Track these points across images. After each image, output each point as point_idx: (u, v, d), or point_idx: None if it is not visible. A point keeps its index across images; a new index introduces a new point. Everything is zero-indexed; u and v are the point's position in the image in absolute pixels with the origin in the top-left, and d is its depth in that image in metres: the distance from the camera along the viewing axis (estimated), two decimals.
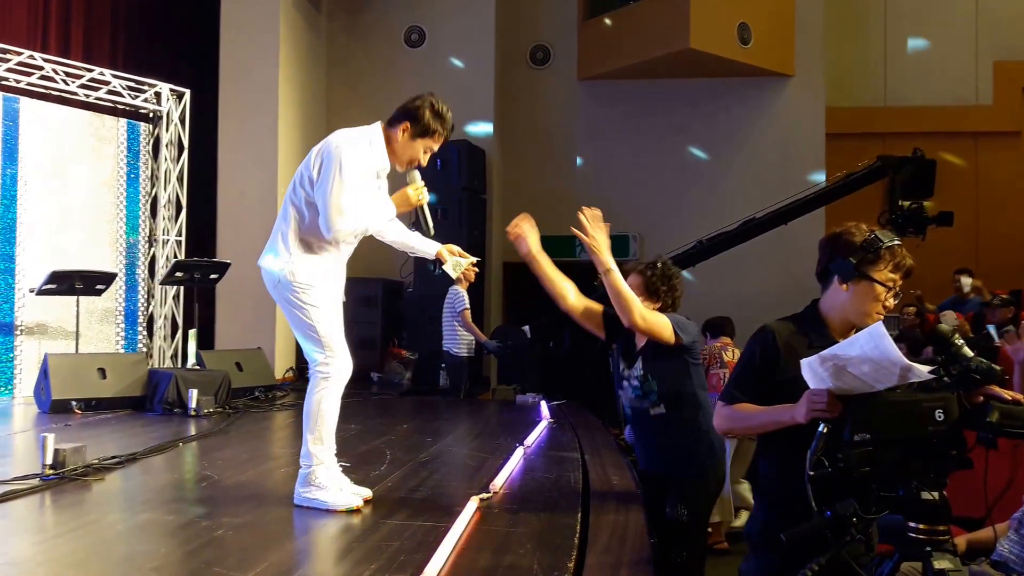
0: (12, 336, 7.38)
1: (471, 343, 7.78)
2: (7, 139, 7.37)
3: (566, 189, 10.83)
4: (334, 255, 3.43)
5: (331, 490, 3.26)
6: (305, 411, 3.33)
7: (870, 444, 1.80)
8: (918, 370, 1.83)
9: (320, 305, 3.34)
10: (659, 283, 3.27)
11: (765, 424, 2.18)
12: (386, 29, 10.59)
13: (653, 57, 10.12)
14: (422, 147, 3.35)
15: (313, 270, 3.35)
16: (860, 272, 2.19)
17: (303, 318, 3.33)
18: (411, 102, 3.34)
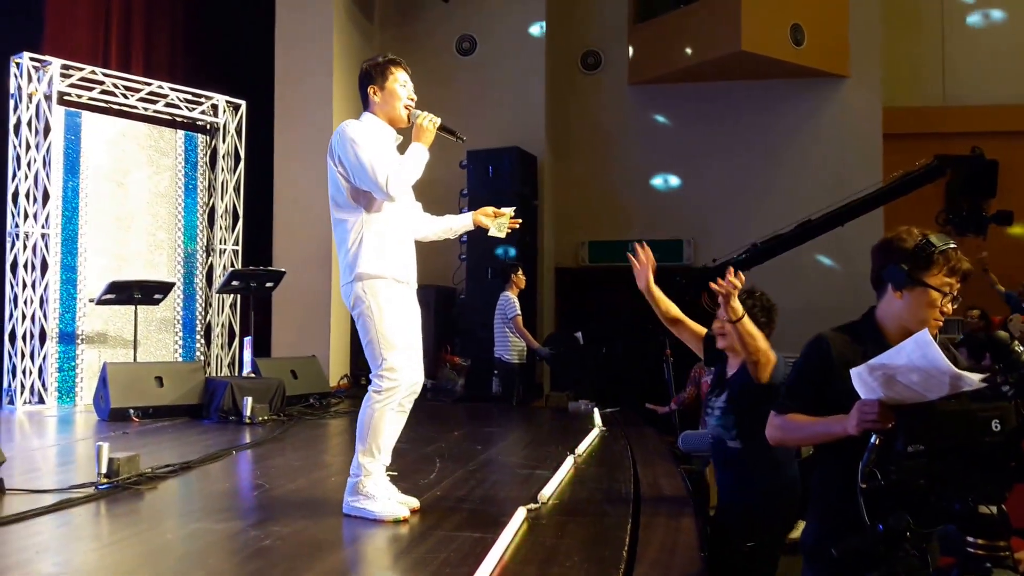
0: (74, 345, 7.58)
1: (523, 350, 7.74)
2: (69, 152, 7.59)
3: (618, 194, 10.75)
4: (395, 250, 3.35)
5: (379, 500, 3.24)
6: (359, 421, 3.29)
7: (924, 456, 1.73)
8: (968, 379, 1.74)
9: (383, 312, 3.27)
10: (759, 314, 3.23)
11: (817, 435, 2.13)
12: (438, 38, 10.64)
13: (704, 60, 9.98)
14: (395, 87, 3.43)
15: (376, 273, 3.29)
16: (913, 278, 2.11)
17: (367, 324, 3.28)
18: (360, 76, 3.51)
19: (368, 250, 3.29)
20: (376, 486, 3.27)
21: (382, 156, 3.23)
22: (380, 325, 3.23)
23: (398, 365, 3.23)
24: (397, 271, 3.32)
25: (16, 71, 7.30)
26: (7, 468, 4.10)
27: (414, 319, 3.40)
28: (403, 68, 3.50)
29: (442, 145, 12.56)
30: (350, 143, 3.26)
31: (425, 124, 3.38)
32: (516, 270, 7.82)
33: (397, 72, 3.46)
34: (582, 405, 7.30)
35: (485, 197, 9.40)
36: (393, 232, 3.35)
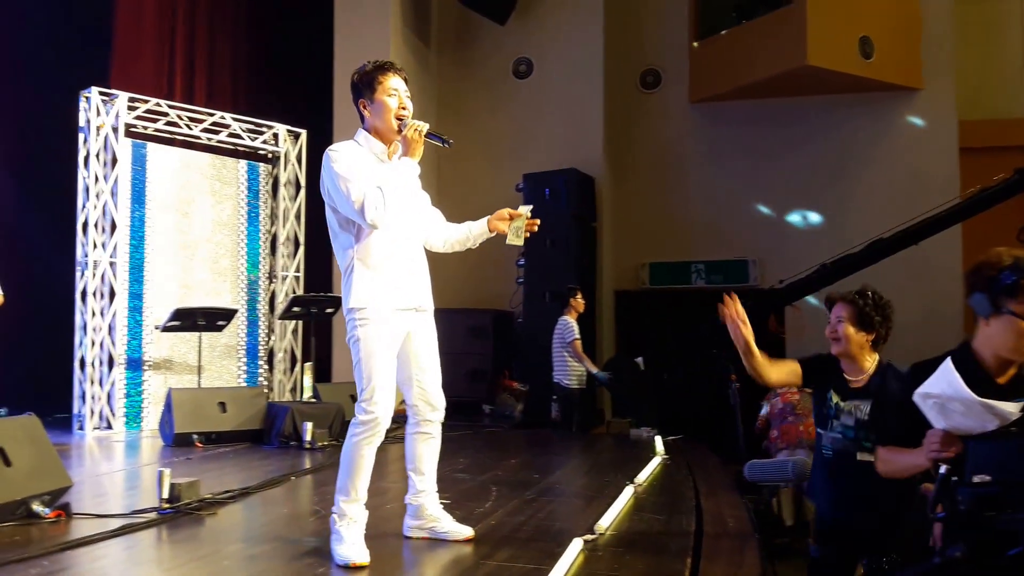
0: (141, 371, 7.72)
1: (582, 375, 7.59)
2: (136, 183, 7.78)
3: (680, 215, 10.55)
4: (389, 277, 3.16)
5: (345, 542, 3.11)
6: (342, 454, 3.19)
7: (993, 486, 1.65)
8: (1002, 408, 1.64)
9: (367, 344, 3.10)
10: (873, 312, 3.07)
11: (908, 467, 2.15)
12: (494, 62, 10.67)
13: (768, 76, 9.76)
14: (384, 99, 3.18)
15: (363, 304, 3.13)
16: (997, 306, 1.99)
17: (354, 354, 3.14)
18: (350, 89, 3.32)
19: (357, 280, 3.15)
20: (348, 528, 3.13)
21: (362, 185, 3.02)
22: (363, 357, 3.08)
23: (376, 399, 3.07)
24: (392, 299, 3.14)
25: (85, 105, 7.54)
26: (77, 492, 4.20)
27: (419, 348, 3.25)
28: (394, 73, 3.24)
29: (498, 168, 12.65)
30: (331, 172, 3.10)
31: (411, 135, 3.14)
32: (575, 293, 7.70)
33: (387, 80, 3.20)
34: (644, 432, 7.12)
35: (542, 220, 9.35)
36: (387, 259, 3.16)
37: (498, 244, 11.40)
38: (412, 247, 3.25)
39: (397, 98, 3.20)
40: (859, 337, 3.04)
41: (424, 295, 3.26)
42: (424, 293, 3.26)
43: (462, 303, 9.66)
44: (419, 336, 3.25)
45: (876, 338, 3.06)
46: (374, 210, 2.99)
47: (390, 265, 3.16)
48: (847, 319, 3.04)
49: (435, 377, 3.33)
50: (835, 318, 3.06)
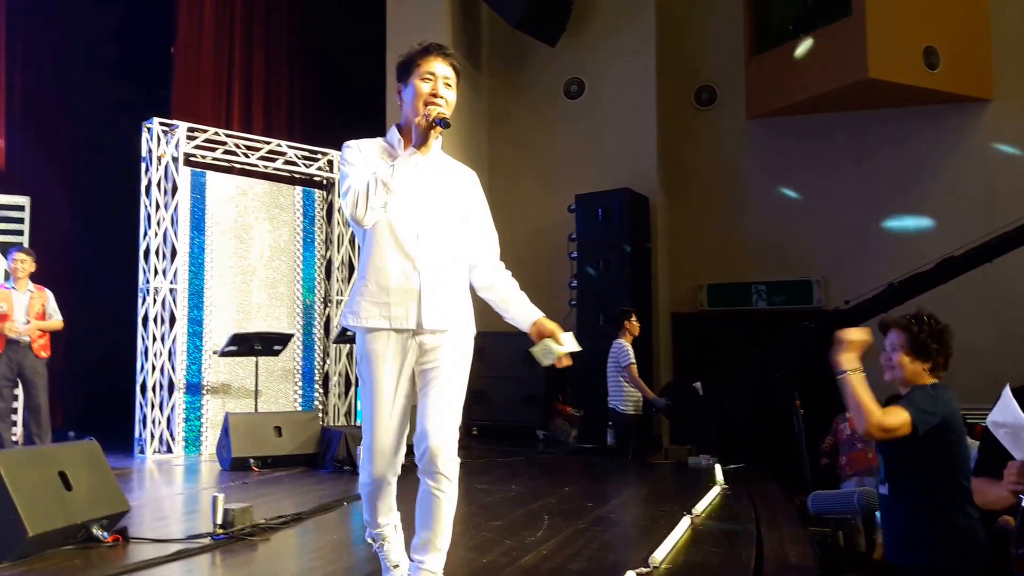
0: (200, 395, 7.82)
1: (638, 400, 7.43)
2: (195, 210, 7.93)
3: (739, 234, 10.31)
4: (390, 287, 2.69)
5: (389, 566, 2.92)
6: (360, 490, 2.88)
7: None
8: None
9: (360, 374, 2.74)
10: (929, 340, 2.88)
11: (997, 499, 2.15)
12: (546, 83, 10.65)
13: (829, 90, 9.50)
14: (417, 83, 2.74)
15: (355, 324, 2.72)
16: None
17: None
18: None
19: (355, 293, 2.75)
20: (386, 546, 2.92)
21: (357, 175, 2.66)
22: (361, 390, 2.70)
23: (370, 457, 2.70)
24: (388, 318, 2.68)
25: (147, 135, 7.72)
26: (137, 516, 4.28)
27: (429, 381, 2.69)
28: (438, 56, 2.76)
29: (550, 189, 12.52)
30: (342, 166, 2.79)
31: (420, 122, 2.67)
32: (629, 316, 7.56)
33: (426, 63, 2.75)
34: (703, 460, 6.91)
35: (595, 241, 9.29)
36: (386, 269, 2.69)
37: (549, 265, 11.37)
38: (427, 255, 2.71)
39: (433, 83, 2.74)
40: (914, 366, 2.85)
41: (440, 314, 2.70)
42: (441, 312, 2.71)
43: (514, 327, 9.58)
44: (433, 366, 2.70)
45: (933, 366, 2.87)
46: (354, 204, 2.61)
47: (387, 276, 2.69)
48: (901, 347, 2.86)
49: (440, 421, 2.64)
50: (889, 345, 2.89)
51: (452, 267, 2.79)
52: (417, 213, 2.73)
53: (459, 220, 2.84)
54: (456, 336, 2.76)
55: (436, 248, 2.74)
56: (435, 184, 2.79)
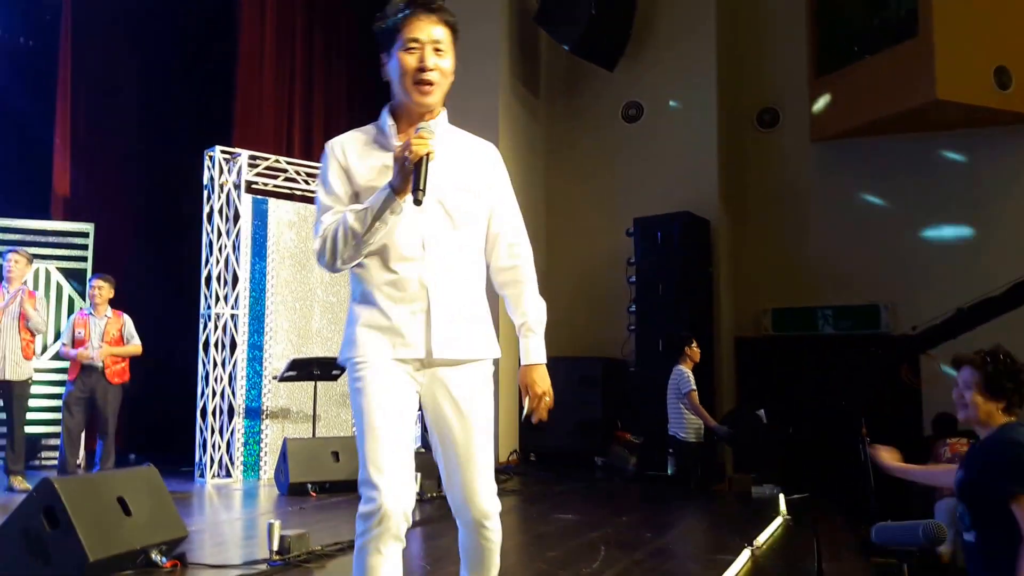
0: (259, 420, 7.90)
1: (700, 428, 7.26)
2: (256, 237, 8.06)
3: (804, 257, 10.07)
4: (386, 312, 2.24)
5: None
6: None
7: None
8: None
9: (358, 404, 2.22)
10: (1004, 378, 2.77)
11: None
12: (604, 107, 10.60)
13: (895, 112, 9.25)
14: (403, 52, 2.25)
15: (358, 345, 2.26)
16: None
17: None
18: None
19: (352, 321, 2.31)
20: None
21: (328, 207, 2.25)
22: (357, 423, 2.21)
23: (375, 479, 2.10)
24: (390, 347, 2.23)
25: (209, 163, 7.89)
26: (196, 541, 4.32)
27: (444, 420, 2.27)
28: (422, 16, 2.23)
29: (608, 214, 12.44)
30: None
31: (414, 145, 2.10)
32: (689, 341, 7.41)
33: (407, 28, 2.22)
34: (766, 490, 6.71)
35: (654, 265, 9.16)
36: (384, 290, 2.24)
37: (607, 290, 11.25)
38: (436, 266, 2.24)
39: (419, 52, 2.23)
40: (988, 405, 2.73)
41: (457, 340, 2.26)
42: (456, 336, 2.25)
43: (571, 351, 9.50)
44: (450, 408, 2.27)
45: (1008, 405, 2.73)
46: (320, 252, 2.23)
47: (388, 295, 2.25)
48: (975, 385, 2.74)
49: (479, 484, 2.27)
50: (962, 383, 2.76)
51: (468, 276, 2.31)
52: (420, 215, 2.22)
53: (478, 212, 2.34)
54: (479, 365, 2.32)
55: (446, 253, 2.26)
56: (444, 174, 2.26)
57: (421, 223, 2.24)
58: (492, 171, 2.41)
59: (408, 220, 2.22)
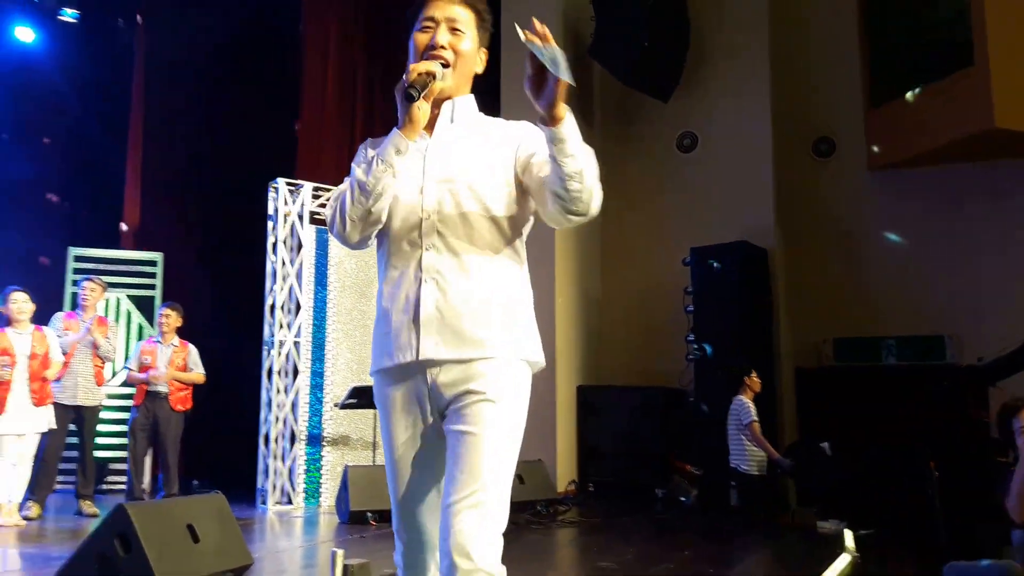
0: (320, 447, 7.98)
1: (762, 460, 7.14)
2: (319, 266, 8.21)
3: (865, 287, 9.89)
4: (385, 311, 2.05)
5: None
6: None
7: None
8: None
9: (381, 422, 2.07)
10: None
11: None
12: (658, 137, 10.60)
13: (953, 140, 9.07)
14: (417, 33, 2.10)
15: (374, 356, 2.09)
16: None
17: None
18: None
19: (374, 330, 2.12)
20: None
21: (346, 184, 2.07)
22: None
23: (401, 538, 2.03)
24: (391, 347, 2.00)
25: (273, 195, 8.08)
26: (258, 569, 4.33)
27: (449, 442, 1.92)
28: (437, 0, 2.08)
29: (664, 243, 12.34)
30: None
31: (410, 70, 2.00)
32: (749, 372, 7.32)
33: (425, 8, 2.09)
34: (831, 525, 6.55)
35: (712, 294, 9.07)
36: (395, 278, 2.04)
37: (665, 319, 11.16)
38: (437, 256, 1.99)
39: (432, 31, 2.08)
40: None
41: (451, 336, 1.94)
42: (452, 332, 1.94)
43: (629, 380, 9.43)
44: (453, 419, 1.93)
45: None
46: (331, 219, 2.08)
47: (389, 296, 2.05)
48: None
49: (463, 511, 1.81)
50: (1018, 429, 2.67)
51: (483, 266, 2.00)
52: (424, 202, 2.02)
53: (496, 188, 2.05)
54: (491, 366, 1.93)
55: (453, 242, 2.00)
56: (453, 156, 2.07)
57: (422, 207, 2.02)
58: (517, 133, 2.13)
59: (407, 205, 2.02)
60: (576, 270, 9.91)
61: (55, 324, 6.84)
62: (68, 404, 6.76)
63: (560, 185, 1.92)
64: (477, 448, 1.86)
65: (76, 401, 6.81)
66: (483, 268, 1.99)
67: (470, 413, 1.90)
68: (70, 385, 6.77)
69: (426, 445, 2.00)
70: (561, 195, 1.93)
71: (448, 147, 2.08)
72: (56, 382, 6.64)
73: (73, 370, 6.78)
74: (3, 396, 6.16)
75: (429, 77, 1.98)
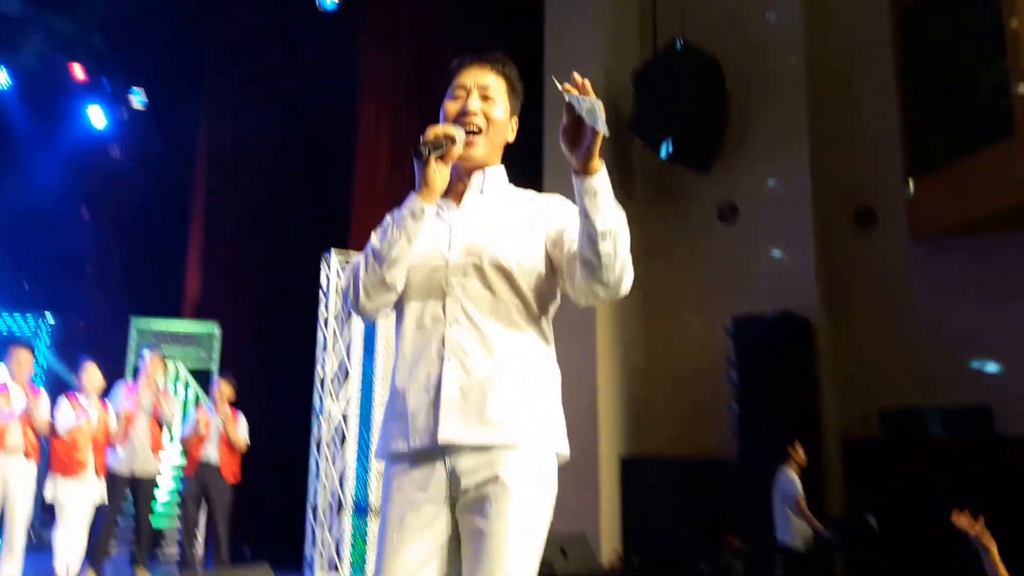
0: (366, 519, 8.05)
1: (808, 535, 7.05)
2: (368, 337, 8.35)
3: (911, 357, 9.78)
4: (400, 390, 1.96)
5: None
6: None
7: None
8: None
9: (387, 512, 1.91)
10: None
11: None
12: (698, 208, 10.74)
13: (996, 210, 9.05)
14: (448, 101, 2.08)
15: (379, 440, 2.02)
16: None
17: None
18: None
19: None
20: None
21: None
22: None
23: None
24: (404, 437, 1.90)
25: (325, 267, 8.35)
26: None
27: (467, 541, 1.81)
28: (475, 66, 2.07)
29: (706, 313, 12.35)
30: None
31: (427, 132, 1.96)
32: (793, 444, 7.29)
33: (458, 76, 2.08)
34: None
35: (755, 365, 9.06)
36: (412, 354, 1.94)
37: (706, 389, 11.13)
38: (459, 330, 1.90)
39: (463, 99, 2.05)
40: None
41: (475, 419, 1.83)
42: (475, 415, 1.83)
43: (672, 451, 9.40)
44: (472, 516, 1.81)
45: None
46: (345, 290, 2.01)
47: (404, 374, 1.96)
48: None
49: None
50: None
51: (509, 346, 1.89)
52: (450, 275, 1.94)
53: (526, 263, 1.96)
54: (515, 456, 1.81)
55: (479, 319, 1.89)
56: (481, 229, 2.00)
57: (447, 281, 1.93)
58: (548, 206, 2.07)
59: (431, 277, 1.95)
60: (618, 339, 10.00)
61: (117, 394, 7.12)
62: (126, 472, 6.98)
63: (590, 248, 1.84)
64: (498, 549, 1.73)
65: (133, 469, 7.02)
66: (509, 348, 1.89)
67: (491, 508, 1.77)
68: (128, 454, 7.00)
69: (436, 537, 1.84)
70: (590, 260, 1.84)
71: (477, 219, 2.02)
72: (115, 450, 6.88)
73: (132, 439, 7.01)
74: (72, 461, 6.39)
75: (447, 140, 1.93)
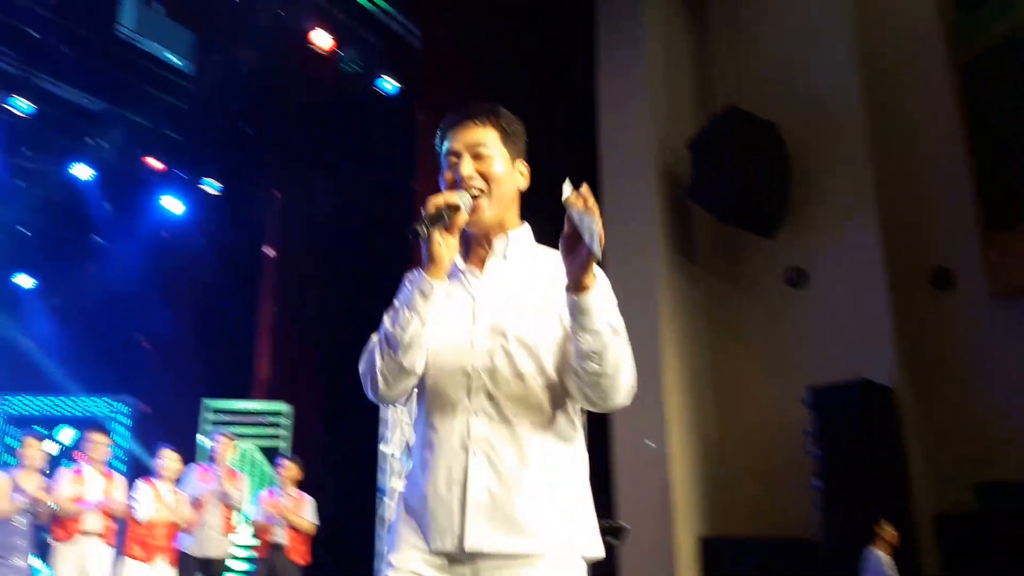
0: None
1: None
2: None
3: (1003, 425, 9.19)
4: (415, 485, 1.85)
5: None
6: None
7: None
8: None
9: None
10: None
11: None
12: (765, 273, 10.47)
13: None
14: (446, 169, 1.96)
15: (393, 538, 1.87)
16: None
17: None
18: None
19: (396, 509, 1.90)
20: None
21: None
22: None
23: None
24: (425, 532, 1.79)
25: None
26: None
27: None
28: (459, 128, 1.94)
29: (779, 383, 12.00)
30: None
31: (427, 203, 1.83)
32: (878, 521, 6.86)
33: (446, 144, 1.95)
34: None
35: (835, 436, 8.63)
36: (430, 447, 1.82)
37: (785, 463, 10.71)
38: (485, 421, 1.79)
39: (455, 166, 1.94)
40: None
41: (506, 526, 1.73)
42: (505, 520, 1.73)
43: (750, 530, 8.98)
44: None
45: None
46: (363, 376, 1.90)
47: (422, 469, 1.84)
48: None
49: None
50: None
51: (539, 436, 1.79)
52: (474, 357, 1.83)
53: (551, 338, 1.85)
54: (545, 566, 1.73)
55: (506, 407, 1.79)
56: (506, 302, 1.88)
57: (472, 364, 1.81)
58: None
59: (455, 360, 1.82)
60: (689, 408, 9.70)
61: (190, 478, 7.18)
62: (197, 554, 6.98)
63: (578, 362, 1.72)
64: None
65: (205, 552, 7.03)
66: (538, 442, 1.79)
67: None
68: (200, 536, 7.02)
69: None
70: (578, 373, 1.73)
71: (500, 290, 1.90)
72: (187, 533, 6.91)
73: (203, 521, 7.04)
74: (146, 547, 6.43)
75: (450, 209, 1.81)
